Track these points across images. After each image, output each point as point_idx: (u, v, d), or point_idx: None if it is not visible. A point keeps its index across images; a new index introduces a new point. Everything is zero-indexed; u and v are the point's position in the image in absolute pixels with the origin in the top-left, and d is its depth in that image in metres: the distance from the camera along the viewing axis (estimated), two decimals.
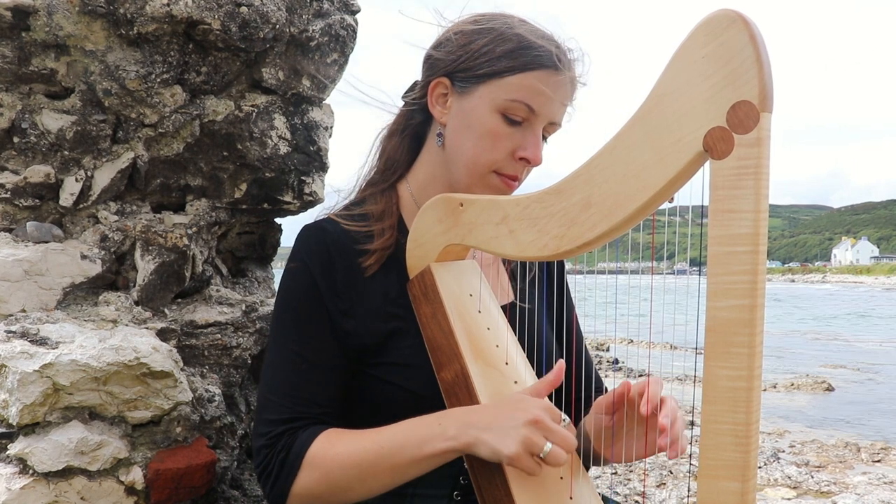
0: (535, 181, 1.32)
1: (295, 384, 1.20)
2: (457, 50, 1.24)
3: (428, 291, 1.20)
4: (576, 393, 1.38)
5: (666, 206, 0.91)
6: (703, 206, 0.84)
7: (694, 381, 0.87)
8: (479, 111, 1.23)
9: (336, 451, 1.14)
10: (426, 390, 1.19)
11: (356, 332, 1.22)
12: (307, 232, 1.27)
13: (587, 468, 1.32)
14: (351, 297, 1.23)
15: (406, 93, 1.38)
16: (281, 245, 1.91)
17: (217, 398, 1.55)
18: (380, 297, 1.24)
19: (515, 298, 1.38)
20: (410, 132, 1.36)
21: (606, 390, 1.49)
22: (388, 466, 1.11)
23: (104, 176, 1.51)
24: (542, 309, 1.40)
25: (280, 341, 1.24)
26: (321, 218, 1.32)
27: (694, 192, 0.87)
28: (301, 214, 1.81)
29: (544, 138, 1.28)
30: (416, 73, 1.37)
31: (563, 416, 1.05)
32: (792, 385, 10.26)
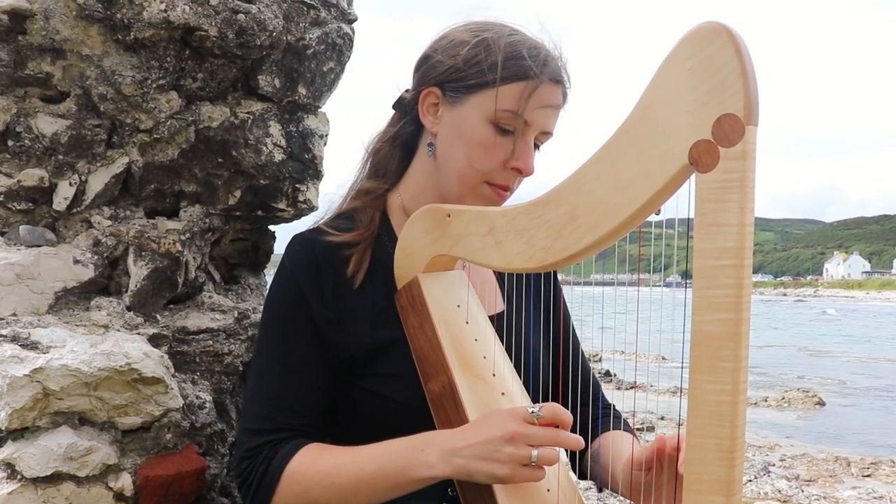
0: (530, 191, 1.33)
1: (279, 394, 1.20)
2: (448, 60, 1.24)
3: (415, 302, 1.20)
4: (573, 402, 1.38)
5: (653, 218, 0.91)
6: (689, 219, 0.84)
7: (680, 394, 0.88)
8: (470, 121, 1.22)
9: (317, 467, 1.13)
10: (414, 401, 1.19)
11: (343, 342, 1.22)
12: (295, 242, 1.27)
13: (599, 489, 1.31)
14: (339, 308, 1.23)
15: (396, 102, 1.38)
16: (274, 252, 1.91)
17: (208, 405, 1.55)
18: (368, 308, 1.24)
19: (503, 309, 1.38)
20: (401, 142, 1.35)
21: (612, 410, 1.47)
22: (368, 488, 1.11)
23: (98, 180, 1.52)
24: (530, 320, 1.40)
25: (266, 350, 1.24)
26: (310, 228, 1.32)
27: (681, 204, 0.87)
28: (295, 222, 1.81)
29: (536, 147, 1.28)
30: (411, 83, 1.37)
31: (530, 407, 1.04)
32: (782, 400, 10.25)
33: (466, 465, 1.04)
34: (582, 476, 1.38)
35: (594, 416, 1.41)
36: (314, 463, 1.14)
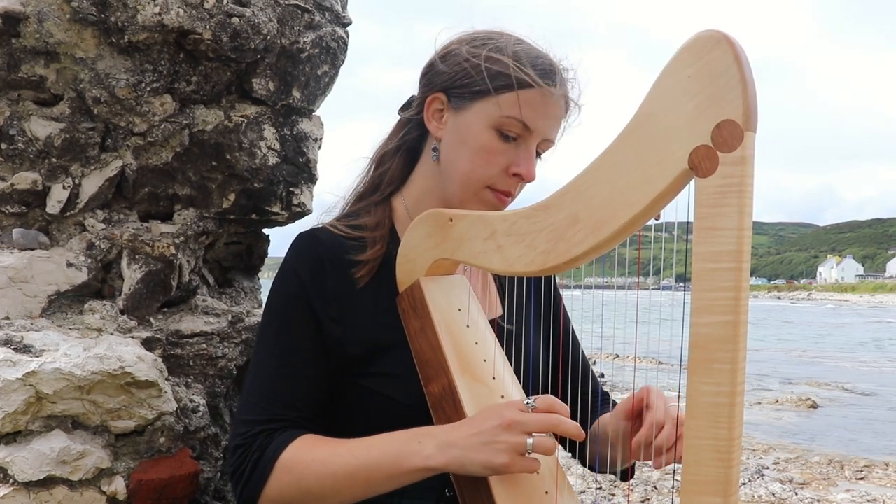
0: (532, 196, 1.35)
1: (276, 387, 1.21)
2: (454, 66, 1.26)
3: (417, 305, 1.21)
4: (573, 403, 1.39)
5: (652, 222, 0.92)
6: (688, 223, 0.85)
7: (678, 397, 0.88)
8: (474, 127, 1.24)
9: (312, 457, 1.14)
10: (415, 401, 1.19)
11: (345, 340, 1.22)
12: (300, 239, 1.29)
13: (608, 471, 1.32)
14: (341, 306, 1.23)
15: (402, 107, 1.39)
16: (268, 256, 1.91)
17: (201, 409, 1.54)
18: (370, 308, 1.25)
19: (504, 313, 1.39)
20: (406, 146, 1.37)
21: (611, 399, 1.50)
22: (362, 479, 1.11)
23: (92, 184, 1.51)
24: (530, 323, 1.41)
25: (265, 344, 1.24)
26: (315, 226, 1.33)
27: (680, 208, 0.88)
28: (289, 225, 1.81)
29: (538, 155, 1.30)
30: (412, 87, 1.38)
31: (525, 400, 1.06)
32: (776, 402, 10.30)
33: (462, 455, 1.05)
34: (590, 468, 1.39)
35: (593, 408, 1.44)
36: (309, 452, 1.15)
